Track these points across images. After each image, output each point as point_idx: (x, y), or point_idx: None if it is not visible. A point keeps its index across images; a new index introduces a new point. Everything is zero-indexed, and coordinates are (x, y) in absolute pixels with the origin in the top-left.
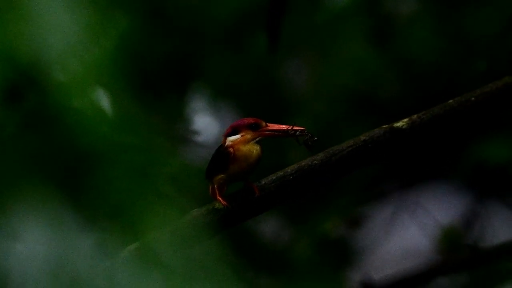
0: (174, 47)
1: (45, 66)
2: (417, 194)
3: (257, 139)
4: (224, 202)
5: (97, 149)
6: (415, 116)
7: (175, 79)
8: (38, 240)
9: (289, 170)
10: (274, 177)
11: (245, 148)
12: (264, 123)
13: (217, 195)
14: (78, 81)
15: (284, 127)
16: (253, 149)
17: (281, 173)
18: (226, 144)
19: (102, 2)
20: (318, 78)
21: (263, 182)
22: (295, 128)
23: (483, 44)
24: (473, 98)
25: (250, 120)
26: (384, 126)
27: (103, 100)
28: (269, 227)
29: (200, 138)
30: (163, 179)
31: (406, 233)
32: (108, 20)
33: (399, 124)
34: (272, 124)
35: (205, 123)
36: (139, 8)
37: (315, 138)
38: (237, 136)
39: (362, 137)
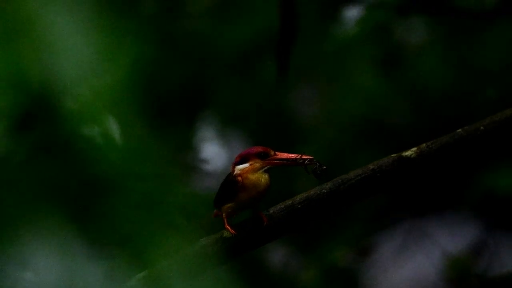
0: (184, 75)
1: (57, 93)
2: (426, 224)
3: (265, 167)
4: (232, 231)
5: (107, 178)
6: (424, 145)
7: (185, 107)
8: (47, 268)
9: (297, 199)
10: (282, 206)
11: (253, 177)
12: (273, 152)
13: (226, 224)
14: (89, 109)
15: (292, 156)
16: (262, 177)
17: (290, 202)
18: (235, 173)
19: (114, 29)
20: (327, 106)
21: (271, 211)
22: (304, 157)
23: (492, 72)
24: (482, 127)
25: (259, 149)
26: (393, 155)
27: (114, 128)
28: (277, 256)
29: (208, 167)
30: (172, 207)
31: (415, 262)
32: (120, 47)
33: (407, 153)
34: (281, 153)
35: (214, 152)
36: (151, 36)
37: (324, 167)
38: (246, 165)
39: (371, 166)
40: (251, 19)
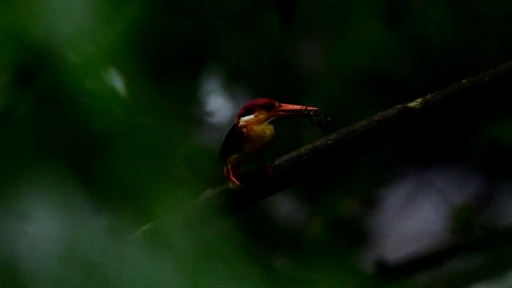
0: (186, 29)
1: (58, 47)
2: (431, 175)
3: (270, 119)
4: (237, 183)
5: (110, 131)
6: (429, 96)
7: (188, 61)
8: (49, 222)
9: (303, 150)
10: (288, 157)
11: (258, 128)
12: (278, 103)
13: (231, 176)
14: (91, 63)
15: (298, 107)
16: (267, 129)
17: (295, 153)
18: (240, 124)
19: None
20: (331, 58)
21: (277, 162)
22: (309, 108)
23: (497, 24)
24: (486, 78)
25: (264, 100)
26: (398, 106)
27: (116, 82)
28: (283, 207)
29: (213, 120)
30: (177, 160)
31: (420, 213)
32: (121, 2)
33: (412, 104)
34: (286, 104)
35: (219, 105)
36: None
37: (329, 118)
38: (251, 117)
39: (376, 117)
40: None
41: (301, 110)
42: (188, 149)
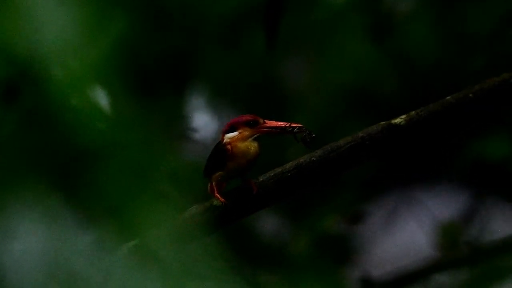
0: (171, 45)
1: (42, 63)
2: (416, 191)
3: (255, 136)
4: (222, 199)
5: (95, 147)
6: (413, 112)
7: (173, 77)
8: (35, 238)
9: (287, 167)
10: (272, 174)
11: (243, 145)
12: (262, 120)
13: (215, 192)
14: (75, 79)
15: (282, 124)
16: (251, 146)
17: (280, 170)
18: (224, 141)
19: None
20: (316, 75)
21: (261, 179)
22: (293, 125)
23: (481, 40)
24: (471, 95)
25: (248, 117)
26: (382, 122)
27: (101, 98)
28: (267, 224)
29: (198, 136)
30: (161, 176)
31: (405, 229)
32: (106, 18)
33: (397, 120)
34: (270, 121)
35: (203, 121)
36: (137, 6)
37: (313, 135)
38: (235, 133)
39: (360, 134)
40: None
41: (285, 127)
42: (173, 165)
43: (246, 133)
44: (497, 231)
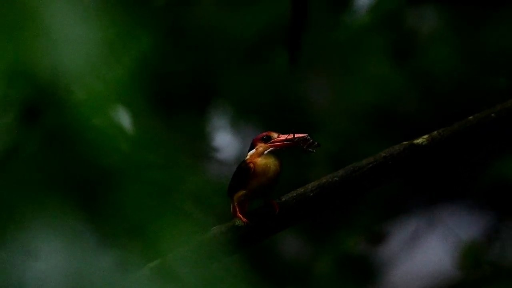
0: (194, 64)
1: (64, 84)
2: (438, 211)
3: (268, 150)
4: (244, 219)
5: (118, 167)
6: (435, 132)
7: (195, 97)
8: (57, 258)
9: (309, 187)
10: (294, 194)
11: (262, 163)
12: (276, 135)
13: (238, 212)
14: (97, 99)
15: (288, 136)
16: (271, 164)
17: (302, 190)
18: (246, 159)
19: (124, 19)
20: (338, 95)
21: (283, 199)
22: (297, 135)
23: (503, 60)
24: (493, 114)
25: (263, 133)
26: (404, 142)
27: (124, 118)
28: (290, 244)
29: (221, 155)
30: (184, 196)
31: (428, 250)
32: (129, 38)
33: (419, 140)
34: (282, 135)
35: (226, 140)
36: (160, 27)
37: (316, 143)
38: (253, 150)
39: (382, 154)
40: (262, 8)
41: (293, 138)
42: (196, 185)
43: (261, 148)
44: None
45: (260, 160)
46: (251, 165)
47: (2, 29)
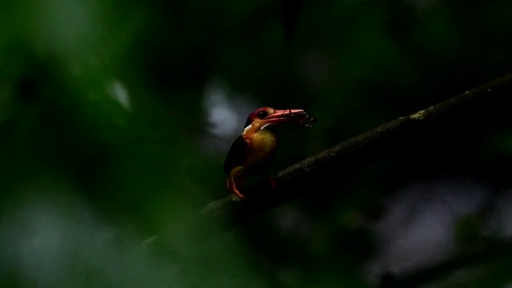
0: (190, 41)
1: (61, 59)
2: (435, 186)
3: (264, 125)
4: (241, 195)
5: (114, 143)
6: (432, 107)
7: (192, 73)
8: (53, 233)
9: (306, 163)
10: (291, 170)
11: (258, 138)
12: (272, 110)
13: (234, 188)
14: (94, 75)
15: (284, 111)
16: (267, 139)
17: (298, 166)
18: (242, 134)
19: None
20: (335, 70)
21: (280, 175)
22: (293, 111)
23: (499, 35)
24: (489, 89)
25: (260, 109)
26: (401, 117)
27: (120, 93)
28: (287, 220)
29: (217, 131)
30: (180, 172)
31: (424, 225)
32: (125, 14)
33: (415, 115)
34: (278, 111)
35: (223, 116)
36: (156, 2)
37: (312, 118)
38: (249, 126)
39: (379, 129)
40: None
41: (289, 114)
42: (192, 161)
43: (257, 124)
44: None
45: (256, 136)
46: (248, 140)
47: None
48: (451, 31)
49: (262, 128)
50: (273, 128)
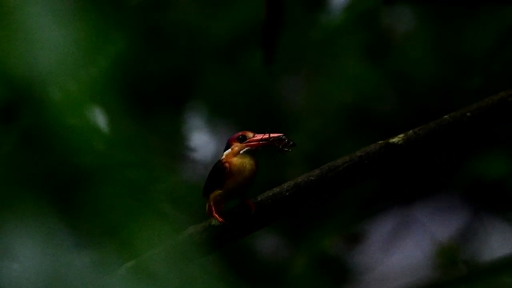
0: (169, 65)
1: (40, 84)
2: (415, 210)
3: (244, 150)
4: (220, 219)
5: (93, 167)
6: (411, 131)
7: (171, 97)
8: (32, 258)
9: (285, 187)
10: (270, 194)
11: (237, 162)
12: (251, 135)
13: (214, 212)
14: (73, 99)
15: (264, 135)
16: (247, 163)
17: (278, 190)
18: (222, 158)
19: (98, 20)
20: (314, 94)
21: (259, 199)
22: (272, 135)
23: (478, 60)
24: (468, 113)
25: (239, 133)
26: (380, 142)
27: (99, 117)
28: (266, 243)
29: (196, 155)
30: (160, 196)
31: (404, 249)
32: (104, 38)
33: (394, 139)
34: (258, 135)
35: (202, 140)
36: (135, 26)
37: (291, 143)
38: (229, 150)
39: (358, 153)
40: (237, 8)
41: (268, 138)
42: (171, 185)
43: (236, 148)
44: (495, 250)
45: (235, 160)
46: (227, 164)
47: None
48: (429, 56)
49: (241, 152)
50: (252, 152)
